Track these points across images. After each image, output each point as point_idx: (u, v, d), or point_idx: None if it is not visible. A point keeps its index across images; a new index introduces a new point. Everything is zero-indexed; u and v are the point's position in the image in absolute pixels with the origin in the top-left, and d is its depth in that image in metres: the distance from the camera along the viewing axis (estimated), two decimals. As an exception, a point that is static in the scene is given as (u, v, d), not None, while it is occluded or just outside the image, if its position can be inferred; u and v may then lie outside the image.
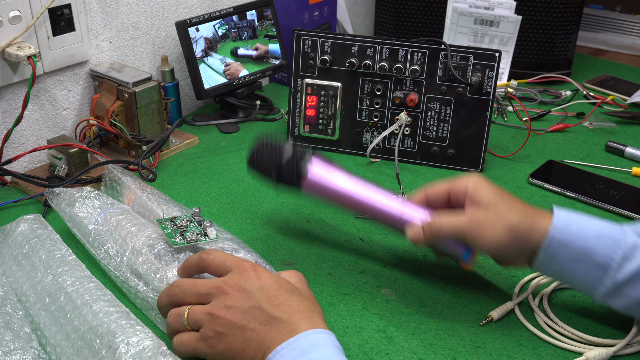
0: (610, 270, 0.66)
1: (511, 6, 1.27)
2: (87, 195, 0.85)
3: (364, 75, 1.05)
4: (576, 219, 0.68)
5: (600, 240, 0.66)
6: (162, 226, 0.76)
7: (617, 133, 1.18)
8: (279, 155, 0.77)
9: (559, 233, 0.67)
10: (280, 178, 0.78)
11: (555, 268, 0.69)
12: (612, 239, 0.66)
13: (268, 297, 0.62)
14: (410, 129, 1.06)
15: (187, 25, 1.11)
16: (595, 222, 0.68)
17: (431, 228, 0.72)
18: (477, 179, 0.73)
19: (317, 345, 0.59)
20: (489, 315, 0.74)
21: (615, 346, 0.69)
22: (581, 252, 0.66)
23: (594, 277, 0.67)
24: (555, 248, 0.67)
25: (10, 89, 0.98)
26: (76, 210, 0.82)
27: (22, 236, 0.77)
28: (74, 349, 0.62)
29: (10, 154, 1.00)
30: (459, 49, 1.01)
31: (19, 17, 0.94)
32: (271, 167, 0.78)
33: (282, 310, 0.61)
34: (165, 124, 1.07)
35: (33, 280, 0.71)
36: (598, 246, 0.66)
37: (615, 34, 1.60)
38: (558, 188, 0.99)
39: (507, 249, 0.69)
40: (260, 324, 0.60)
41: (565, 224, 0.67)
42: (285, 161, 0.77)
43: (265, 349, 0.59)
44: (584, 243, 0.66)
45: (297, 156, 0.78)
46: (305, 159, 0.78)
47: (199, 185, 1.00)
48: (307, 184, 0.78)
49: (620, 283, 0.66)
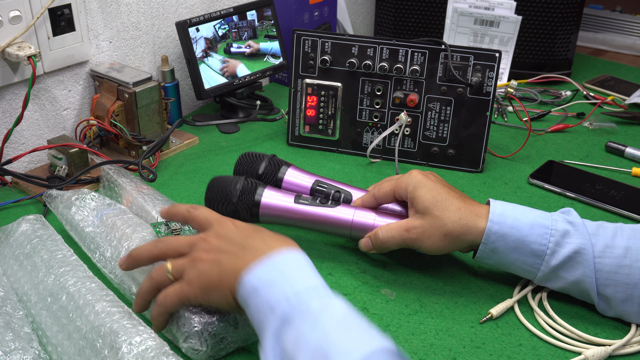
0: (545, 256, 0.72)
1: (511, 6, 1.27)
2: (83, 197, 0.85)
3: (364, 75, 1.05)
4: (510, 211, 0.74)
5: (534, 229, 0.72)
6: (156, 230, 0.76)
7: (617, 133, 1.18)
8: (228, 196, 0.81)
9: (495, 226, 0.73)
10: (236, 216, 0.81)
11: (495, 258, 0.75)
12: (544, 228, 0.72)
13: (243, 234, 0.66)
14: (411, 129, 1.06)
15: (187, 25, 1.11)
16: (528, 212, 0.74)
17: (376, 241, 0.78)
18: (416, 180, 0.78)
19: (290, 261, 0.62)
20: (489, 313, 0.74)
21: (614, 345, 0.69)
22: (517, 242, 0.72)
23: (531, 264, 0.73)
24: (493, 240, 0.73)
25: (10, 89, 0.98)
26: (72, 213, 0.82)
27: (23, 236, 0.77)
28: (76, 348, 0.62)
29: (11, 154, 1.00)
30: (459, 49, 1.01)
31: (19, 17, 0.94)
32: (225, 206, 0.82)
33: (256, 238, 0.65)
34: (165, 124, 1.07)
35: (35, 280, 0.71)
36: (532, 235, 0.72)
37: (615, 34, 1.60)
38: (558, 188, 0.99)
39: (447, 250, 0.76)
40: (235, 253, 0.64)
41: (500, 217, 0.73)
42: (235, 200, 0.81)
43: (239, 271, 0.62)
44: (519, 233, 0.72)
45: (246, 194, 0.81)
46: (253, 194, 0.81)
47: (199, 185, 1.00)
48: (260, 216, 0.82)
49: (554, 267, 0.72)
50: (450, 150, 1.05)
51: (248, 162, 0.89)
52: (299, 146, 1.11)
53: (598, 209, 0.95)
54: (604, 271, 0.71)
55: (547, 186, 1.00)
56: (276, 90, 1.34)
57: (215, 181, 0.83)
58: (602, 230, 0.73)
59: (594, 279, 0.71)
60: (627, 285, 0.70)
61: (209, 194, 0.83)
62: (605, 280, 0.71)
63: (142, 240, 0.75)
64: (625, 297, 0.71)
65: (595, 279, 0.71)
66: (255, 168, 0.88)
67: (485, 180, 1.03)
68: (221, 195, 0.82)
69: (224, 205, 0.82)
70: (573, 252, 0.71)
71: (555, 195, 0.99)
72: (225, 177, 0.83)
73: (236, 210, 0.81)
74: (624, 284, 0.70)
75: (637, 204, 0.95)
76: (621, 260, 0.70)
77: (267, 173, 0.87)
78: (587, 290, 0.72)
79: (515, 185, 1.02)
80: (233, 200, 0.81)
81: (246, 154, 0.89)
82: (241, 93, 1.19)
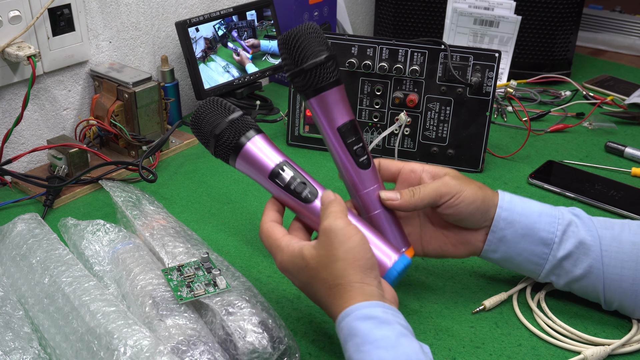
0: (554, 245, 0.71)
1: (511, 6, 1.27)
2: (98, 228, 0.79)
3: (363, 75, 1.05)
4: (518, 200, 0.73)
5: (542, 217, 0.72)
6: (167, 277, 0.70)
7: (616, 133, 1.18)
8: (222, 118, 0.69)
9: (505, 212, 0.72)
10: (219, 142, 0.69)
11: (503, 250, 0.73)
12: (552, 216, 0.72)
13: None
14: (410, 129, 1.06)
15: (187, 25, 1.11)
16: (535, 203, 0.74)
17: (413, 192, 0.71)
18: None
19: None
20: (482, 304, 0.75)
21: (613, 345, 0.69)
22: (526, 228, 0.71)
23: (539, 254, 0.72)
24: (502, 227, 0.72)
25: (10, 89, 0.98)
26: (83, 247, 0.78)
27: (19, 237, 0.77)
28: (73, 350, 0.62)
29: (10, 154, 1.00)
30: (458, 49, 1.01)
31: (18, 17, 0.94)
32: (213, 128, 0.69)
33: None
34: (165, 124, 1.07)
35: (31, 282, 0.71)
36: (541, 223, 0.71)
37: (614, 34, 1.60)
38: (558, 188, 0.99)
39: (477, 210, 0.71)
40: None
41: (509, 204, 0.72)
42: (217, 132, 0.69)
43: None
44: (528, 220, 0.71)
45: (233, 129, 0.69)
46: (239, 134, 0.69)
47: (199, 186, 1.00)
48: (236, 162, 0.71)
49: (560, 258, 0.71)
50: (450, 150, 1.05)
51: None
52: (298, 146, 1.11)
53: (597, 209, 0.95)
54: (610, 265, 0.70)
55: (546, 186, 1.00)
56: (276, 90, 1.34)
57: (211, 102, 0.71)
58: (608, 224, 0.73)
59: (601, 271, 0.70)
60: (634, 280, 0.70)
61: (199, 112, 0.71)
62: (612, 275, 0.70)
63: (148, 283, 0.70)
64: (632, 292, 0.70)
65: (603, 271, 0.70)
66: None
67: (485, 180, 1.03)
68: (209, 117, 0.70)
69: (205, 128, 0.70)
70: (579, 243, 0.71)
71: (555, 195, 0.99)
72: (223, 103, 0.71)
73: (216, 142, 0.69)
74: (631, 279, 0.70)
75: (637, 204, 0.95)
76: (628, 255, 0.70)
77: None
78: (592, 286, 0.72)
79: (514, 185, 1.02)
80: (215, 131, 0.69)
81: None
82: (241, 93, 1.19)
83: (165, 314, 0.66)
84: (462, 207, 0.71)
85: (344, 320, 0.59)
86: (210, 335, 0.65)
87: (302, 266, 0.63)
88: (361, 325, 0.57)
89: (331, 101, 0.71)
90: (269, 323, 0.66)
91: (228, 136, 0.69)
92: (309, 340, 0.72)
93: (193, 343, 0.63)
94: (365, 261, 0.61)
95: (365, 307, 0.58)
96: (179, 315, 0.66)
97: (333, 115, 0.71)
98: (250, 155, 0.70)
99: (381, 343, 0.56)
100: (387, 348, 0.56)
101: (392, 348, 0.56)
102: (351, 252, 0.61)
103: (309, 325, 0.74)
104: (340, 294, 0.60)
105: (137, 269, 0.72)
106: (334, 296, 0.61)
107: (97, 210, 0.94)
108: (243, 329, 0.64)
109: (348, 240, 0.61)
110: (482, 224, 0.73)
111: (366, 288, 0.60)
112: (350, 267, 0.60)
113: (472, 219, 0.72)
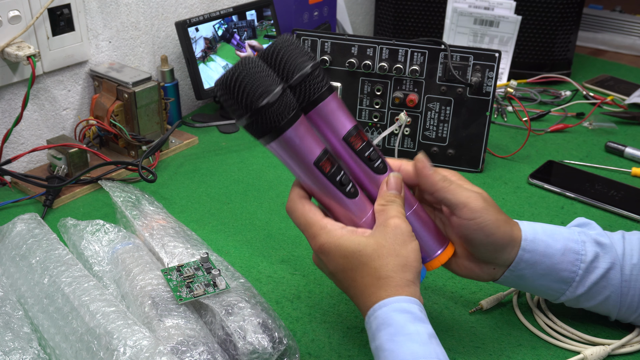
0: (573, 283, 0.68)
1: (511, 6, 1.27)
2: (97, 228, 0.79)
3: (363, 75, 1.05)
4: (542, 234, 0.67)
5: (565, 256, 0.67)
6: (167, 277, 0.70)
7: (616, 133, 1.18)
8: (251, 98, 0.57)
9: (527, 254, 0.67)
10: (264, 116, 0.58)
11: (520, 284, 0.70)
12: (575, 254, 0.68)
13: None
14: (410, 129, 1.05)
15: (186, 25, 1.11)
16: (559, 237, 0.68)
17: (444, 179, 0.67)
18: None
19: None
20: (479, 304, 0.75)
21: (612, 345, 0.69)
22: (547, 269, 0.68)
23: (557, 289, 0.69)
24: (522, 268, 0.67)
25: (9, 89, 0.98)
26: (82, 248, 0.77)
27: (19, 237, 0.77)
28: (73, 350, 0.62)
29: (10, 154, 1.00)
30: (458, 49, 1.01)
31: (18, 17, 0.94)
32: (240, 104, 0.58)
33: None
34: (165, 124, 1.07)
35: (31, 282, 0.71)
36: (563, 262, 0.67)
37: (615, 34, 1.60)
38: (558, 188, 0.99)
39: (496, 238, 0.66)
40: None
41: (532, 244, 0.67)
42: (253, 107, 0.57)
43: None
44: (550, 262, 0.67)
45: (273, 112, 0.58)
46: (280, 118, 0.58)
47: (199, 186, 1.00)
48: (268, 144, 0.60)
49: (579, 295, 0.69)
50: (450, 150, 1.05)
51: (292, 52, 0.61)
52: (298, 146, 1.11)
53: (598, 209, 0.95)
54: (629, 295, 0.69)
55: (546, 186, 1.00)
56: (276, 90, 1.34)
57: (254, 66, 0.58)
58: (628, 246, 0.69)
59: (618, 301, 0.69)
60: None
61: (236, 75, 0.57)
62: (630, 303, 0.69)
63: (147, 284, 0.70)
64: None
65: (620, 301, 0.69)
66: (294, 65, 0.60)
67: (485, 180, 1.03)
68: (249, 88, 0.57)
69: (237, 101, 0.58)
70: (600, 277, 0.68)
71: (555, 195, 0.99)
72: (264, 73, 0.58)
73: (250, 122, 0.58)
74: None
75: (637, 204, 0.95)
76: None
77: (305, 85, 0.61)
78: (606, 310, 0.70)
79: (514, 185, 1.02)
80: (251, 106, 0.57)
81: (293, 42, 0.61)
82: (241, 93, 1.19)
83: (165, 314, 0.66)
84: (485, 222, 0.65)
85: (380, 309, 0.60)
86: (209, 335, 0.65)
87: (353, 251, 0.62)
88: (397, 317, 0.59)
89: (330, 110, 0.63)
90: (269, 323, 0.66)
91: (276, 110, 0.58)
92: (309, 340, 0.72)
93: (193, 343, 0.63)
94: (417, 265, 0.63)
95: (404, 301, 0.60)
96: (178, 316, 0.66)
97: (335, 126, 0.64)
98: (297, 137, 0.60)
99: (415, 337, 0.58)
100: (420, 343, 0.58)
101: (424, 344, 0.58)
102: (412, 253, 0.62)
103: (309, 325, 0.74)
104: (386, 286, 0.61)
105: (136, 269, 0.72)
106: (379, 286, 0.61)
107: (97, 211, 0.94)
108: (243, 330, 0.64)
109: (411, 242, 0.63)
110: (494, 260, 0.68)
111: (412, 288, 0.62)
112: (407, 266, 0.62)
113: (483, 248, 0.67)
